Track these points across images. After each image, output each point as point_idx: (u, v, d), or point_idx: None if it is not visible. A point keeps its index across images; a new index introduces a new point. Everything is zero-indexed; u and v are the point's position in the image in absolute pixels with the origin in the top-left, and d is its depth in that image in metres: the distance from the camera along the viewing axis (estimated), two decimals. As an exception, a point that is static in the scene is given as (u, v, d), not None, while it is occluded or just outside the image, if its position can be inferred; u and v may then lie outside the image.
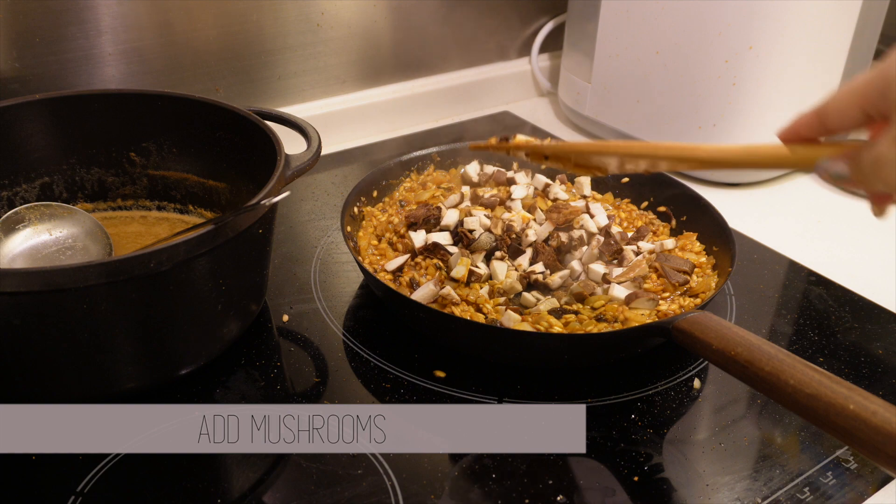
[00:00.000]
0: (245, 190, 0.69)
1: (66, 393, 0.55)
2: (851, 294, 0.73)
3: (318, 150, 0.66)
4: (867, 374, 0.63)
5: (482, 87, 1.14)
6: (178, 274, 0.52)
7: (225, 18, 0.88)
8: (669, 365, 0.64)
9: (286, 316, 0.68)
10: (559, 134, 1.08)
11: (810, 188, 0.95)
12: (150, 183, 0.74)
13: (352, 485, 0.52)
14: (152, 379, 0.57)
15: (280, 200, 0.58)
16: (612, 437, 0.57)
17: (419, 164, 0.82)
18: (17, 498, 0.51)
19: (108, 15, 0.81)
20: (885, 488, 0.54)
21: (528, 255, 0.68)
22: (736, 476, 0.54)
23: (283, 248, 0.78)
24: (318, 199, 0.88)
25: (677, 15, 0.88)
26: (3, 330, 0.50)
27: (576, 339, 0.59)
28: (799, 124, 0.45)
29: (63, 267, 0.47)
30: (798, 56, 0.86)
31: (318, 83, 0.99)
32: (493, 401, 0.60)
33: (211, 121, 0.69)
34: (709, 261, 0.71)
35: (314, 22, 0.95)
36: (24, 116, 0.68)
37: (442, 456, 0.55)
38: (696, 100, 0.90)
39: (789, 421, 0.59)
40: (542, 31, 1.15)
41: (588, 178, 0.81)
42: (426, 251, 0.69)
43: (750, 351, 0.50)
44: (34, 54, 0.79)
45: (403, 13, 1.02)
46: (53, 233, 0.67)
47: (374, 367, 0.63)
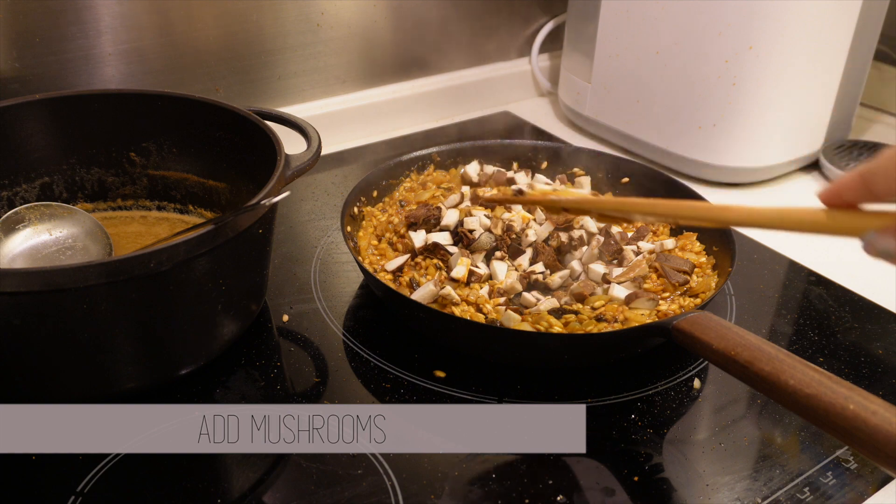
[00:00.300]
0: (245, 190, 0.69)
1: (66, 393, 0.55)
2: (851, 294, 0.73)
3: (318, 150, 0.66)
4: (867, 374, 0.63)
5: (482, 87, 1.14)
6: (178, 274, 0.52)
7: (225, 18, 0.88)
8: (669, 365, 0.64)
9: (286, 316, 0.68)
10: (559, 134, 1.08)
11: (810, 188, 0.95)
12: (150, 183, 0.74)
13: (352, 485, 0.52)
14: (152, 379, 0.57)
15: (280, 200, 0.58)
16: (612, 437, 0.57)
17: (419, 164, 0.82)
18: (17, 498, 0.51)
19: (108, 15, 0.81)
20: (885, 488, 0.54)
21: (528, 255, 0.68)
22: (736, 476, 0.54)
23: (283, 248, 0.78)
24: (318, 199, 0.88)
25: (677, 15, 0.88)
26: (3, 330, 0.50)
27: (576, 339, 0.59)
28: (842, 187, 0.41)
29: (63, 267, 0.47)
30: (798, 56, 0.86)
31: (318, 83, 1.00)
32: (493, 401, 0.60)
33: (211, 121, 0.69)
34: (709, 261, 0.71)
35: (314, 22, 0.95)
36: (24, 116, 0.68)
37: (442, 456, 0.55)
38: (696, 100, 0.90)
39: (789, 421, 0.59)
40: (542, 31, 1.15)
41: (588, 178, 0.81)
42: (426, 251, 0.69)
43: (750, 351, 0.50)
44: (34, 54, 0.79)
45: (403, 13, 1.02)
46: (53, 233, 0.67)
47: (374, 367, 0.63)
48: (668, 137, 0.94)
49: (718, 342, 0.52)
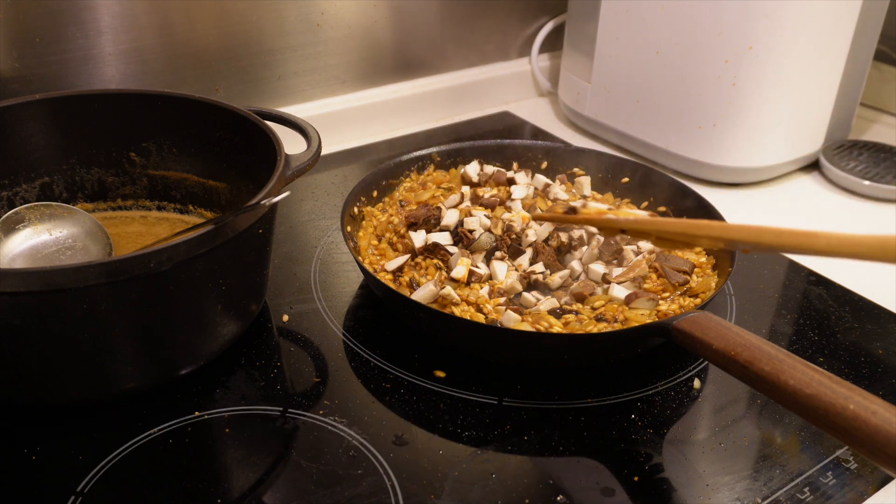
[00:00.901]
0: (245, 190, 0.69)
1: (66, 393, 0.55)
2: (851, 294, 0.73)
3: (318, 150, 0.66)
4: (867, 374, 0.63)
5: (482, 87, 1.14)
6: (178, 274, 0.52)
7: (225, 18, 0.88)
8: (669, 365, 0.64)
9: (286, 316, 0.68)
10: (559, 134, 1.08)
11: (810, 188, 0.95)
12: (150, 183, 0.74)
13: (352, 485, 0.52)
14: (152, 379, 0.57)
15: (280, 200, 0.58)
16: (612, 437, 0.57)
17: (419, 164, 0.82)
18: (17, 498, 0.51)
19: (108, 15, 0.81)
20: (885, 488, 0.54)
21: (528, 255, 0.68)
22: (736, 476, 0.54)
23: (283, 248, 0.78)
24: (318, 199, 0.88)
25: (677, 15, 0.88)
26: (3, 330, 0.50)
27: (576, 339, 0.59)
28: None
29: (63, 267, 0.47)
30: (798, 56, 0.86)
31: (318, 83, 0.99)
32: (493, 401, 0.60)
33: (211, 121, 0.69)
34: (709, 261, 0.71)
35: (314, 22, 0.95)
36: (24, 116, 0.68)
37: (442, 456, 0.55)
38: (696, 100, 0.90)
39: (789, 421, 0.59)
40: (542, 31, 1.15)
41: (588, 178, 0.81)
42: (426, 251, 0.69)
43: (750, 351, 0.50)
44: (34, 54, 0.79)
45: (403, 13, 1.02)
46: (53, 233, 0.67)
47: (374, 367, 0.63)
48: (668, 137, 0.94)
49: (718, 342, 0.52)
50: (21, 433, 0.55)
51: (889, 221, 0.88)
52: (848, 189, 0.93)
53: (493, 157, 0.85)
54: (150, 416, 0.56)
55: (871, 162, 0.96)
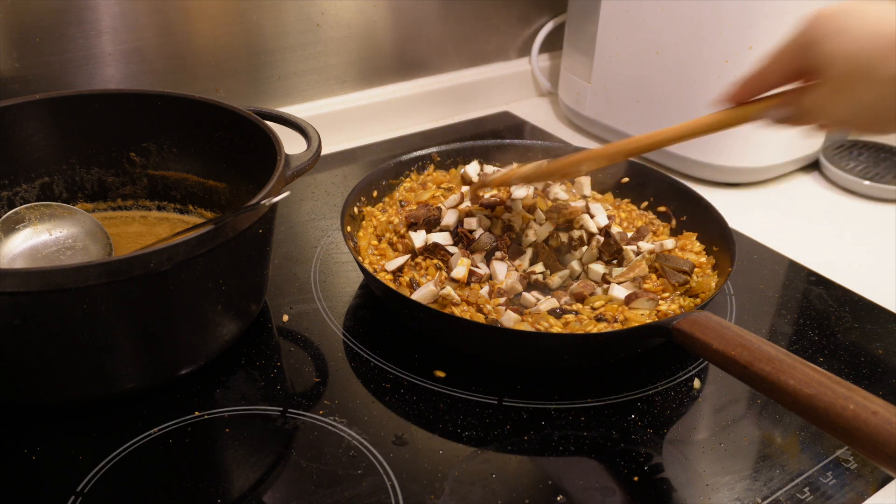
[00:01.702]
0: (245, 190, 0.69)
1: (66, 393, 0.55)
2: (851, 294, 0.73)
3: (318, 150, 0.66)
4: (867, 374, 0.63)
5: (482, 87, 1.14)
6: (178, 274, 0.52)
7: (225, 18, 0.88)
8: (669, 365, 0.64)
9: (286, 316, 0.68)
10: (559, 134, 1.08)
11: (810, 188, 0.95)
12: (150, 183, 0.74)
13: (352, 485, 0.52)
14: (152, 379, 0.57)
15: (280, 200, 0.58)
16: (612, 437, 0.57)
17: (419, 164, 0.82)
18: (17, 498, 0.51)
19: (108, 15, 0.81)
20: (885, 488, 0.54)
21: (528, 255, 0.68)
22: (736, 476, 0.54)
23: (283, 248, 0.78)
24: (318, 199, 0.88)
25: (677, 15, 0.88)
26: (3, 330, 0.50)
27: (576, 339, 0.59)
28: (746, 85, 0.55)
29: (63, 267, 0.47)
30: (798, 56, 0.85)
31: (318, 83, 1.00)
32: (493, 401, 0.60)
33: (211, 121, 0.69)
34: (709, 261, 0.71)
35: (314, 22, 0.95)
36: (24, 116, 0.68)
37: (442, 456, 0.55)
38: (696, 100, 0.90)
39: (789, 421, 0.59)
40: (542, 31, 1.15)
41: (588, 178, 0.81)
42: (426, 251, 0.69)
43: (750, 351, 0.50)
44: (34, 54, 0.79)
45: (403, 13, 1.02)
46: (53, 233, 0.67)
47: (374, 367, 0.63)
48: (668, 137, 0.94)
49: (718, 342, 0.52)
50: (21, 433, 0.55)
51: (889, 221, 0.88)
52: (848, 189, 0.93)
53: (493, 157, 0.85)
54: (150, 416, 0.56)
55: (871, 162, 0.96)
